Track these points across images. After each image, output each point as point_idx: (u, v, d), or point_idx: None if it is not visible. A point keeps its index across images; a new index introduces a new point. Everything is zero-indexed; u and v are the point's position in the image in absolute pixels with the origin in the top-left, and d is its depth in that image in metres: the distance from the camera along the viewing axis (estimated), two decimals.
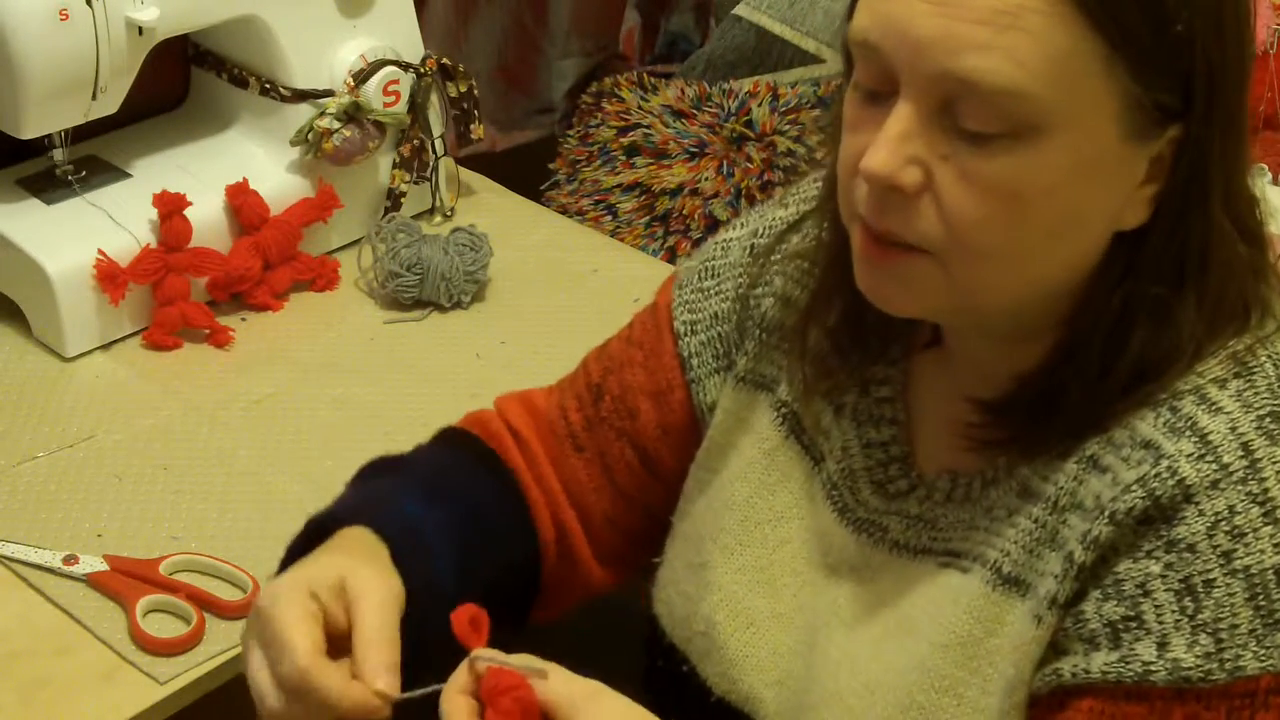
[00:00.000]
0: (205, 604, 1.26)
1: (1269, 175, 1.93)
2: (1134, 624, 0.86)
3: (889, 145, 0.85)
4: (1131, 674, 0.86)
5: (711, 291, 1.12)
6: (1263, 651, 0.84)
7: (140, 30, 1.53)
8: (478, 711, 0.85)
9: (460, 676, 0.87)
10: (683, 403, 1.12)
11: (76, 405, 1.50)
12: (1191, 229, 0.88)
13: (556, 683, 0.85)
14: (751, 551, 1.07)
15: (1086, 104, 0.83)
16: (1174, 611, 0.85)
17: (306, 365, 1.58)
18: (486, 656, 0.87)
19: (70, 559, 1.29)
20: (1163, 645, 0.85)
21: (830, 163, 0.99)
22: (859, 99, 0.89)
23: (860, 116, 0.89)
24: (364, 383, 1.56)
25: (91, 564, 1.28)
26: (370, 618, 0.92)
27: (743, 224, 1.14)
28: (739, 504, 1.07)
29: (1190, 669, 0.85)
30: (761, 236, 1.11)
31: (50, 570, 1.29)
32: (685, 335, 1.12)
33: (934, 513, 0.99)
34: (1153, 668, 0.86)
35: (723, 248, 1.13)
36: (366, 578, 0.95)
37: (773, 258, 1.09)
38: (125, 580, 1.27)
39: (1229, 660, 0.84)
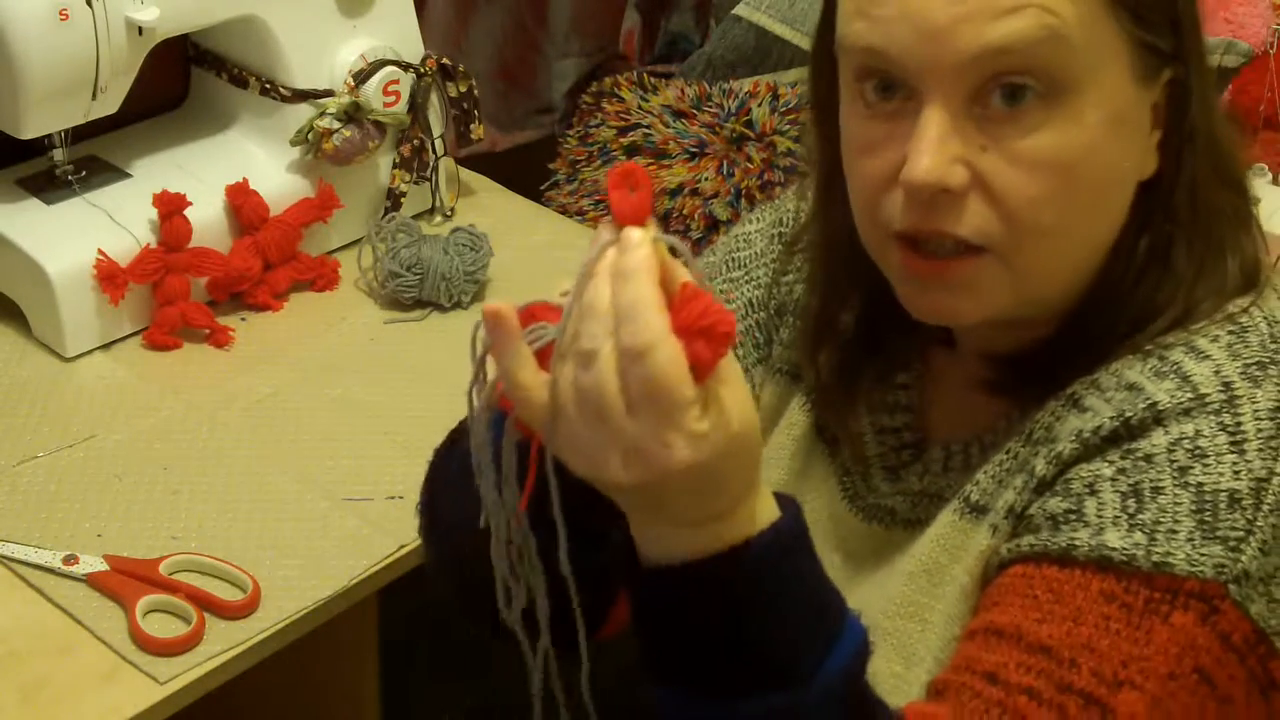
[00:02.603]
0: (205, 604, 1.26)
1: (1269, 175, 1.93)
2: (1073, 515, 0.86)
3: (930, 149, 0.85)
4: (1056, 547, 0.86)
5: (741, 281, 1.12)
6: (1195, 556, 0.83)
7: (140, 30, 1.53)
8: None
9: (646, 262, 0.72)
10: None
11: (76, 405, 1.50)
12: (1184, 170, 0.91)
13: None
14: None
15: (1106, 53, 0.86)
16: (1115, 509, 0.85)
17: (306, 365, 1.58)
18: (671, 258, 0.71)
19: (70, 559, 1.29)
20: (1096, 534, 0.85)
21: (818, 172, 1.00)
22: (861, 114, 0.89)
23: (871, 134, 0.89)
24: (364, 383, 1.56)
25: (91, 564, 1.28)
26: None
27: (759, 218, 1.14)
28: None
29: (1114, 549, 0.84)
30: (786, 225, 1.11)
31: (50, 570, 1.29)
32: None
33: (936, 485, 0.99)
34: (1077, 542, 0.85)
35: (744, 240, 1.13)
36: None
37: (799, 245, 1.09)
38: (125, 580, 1.27)
39: (1157, 554, 0.84)
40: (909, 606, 0.95)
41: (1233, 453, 0.85)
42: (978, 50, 0.83)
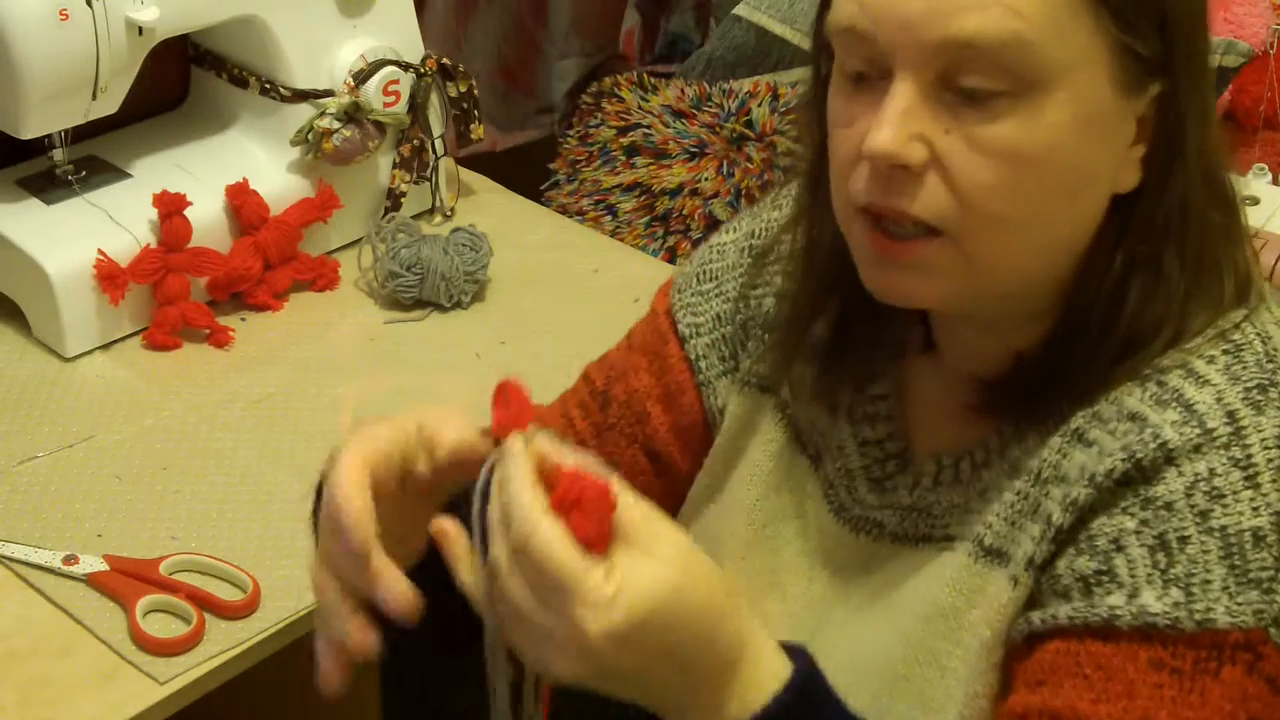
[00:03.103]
0: (205, 604, 1.26)
1: (1269, 175, 1.94)
2: (1105, 577, 0.86)
3: (892, 122, 0.85)
4: (1097, 618, 0.86)
5: (711, 294, 1.12)
6: (1234, 606, 0.83)
7: (140, 30, 1.53)
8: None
9: (520, 463, 0.78)
10: (694, 404, 1.12)
11: (76, 405, 1.50)
12: (1173, 187, 0.90)
13: (628, 498, 0.79)
14: (760, 555, 1.06)
15: (1081, 54, 0.85)
16: (1146, 565, 0.85)
17: (306, 365, 1.58)
18: (551, 448, 0.78)
19: (70, 559, 1.29)
20: (1132, 596, 0.85)
21: (807, 169, 1.00)
22: (844, 90, 0.90)
23: (849, 108, 0.90)
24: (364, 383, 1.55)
25: (91, 564, 1.28)
26: (452, 435, 0.86)
27: (735, 228, 1.14)
28: (747, 507, 1.07)
29: (1157, 615, 0.84)
30: (758, 237, 1.11)
31: (50, 570, 1.29)
32: (691, 338, 1.12)
33: (926, 500, 0.99)
34: (1118, 612, 0.85)
35: (718, 251, 1.13)
36: (444, 416, 0.88)
37: (771, 256, 1.09)
38: (125, 580, 1.27)
39: (1198, 611, 0.84)
40: (926, 653, 0.94)
41: (1249, 489, 0.85)
42: (941, 39, 0.84)
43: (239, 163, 1.67)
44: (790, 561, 1.05)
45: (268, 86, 1.68)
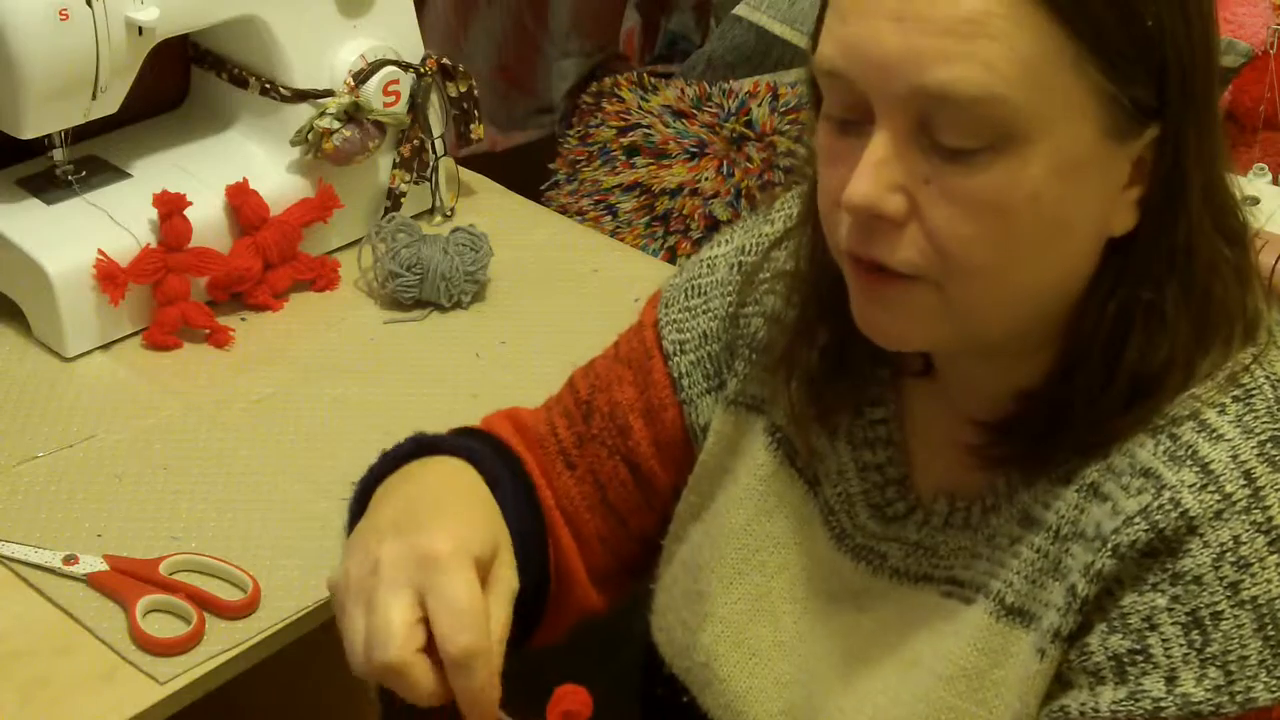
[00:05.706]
0: (205, 604, 1.26)
1: (1269, 175, 1.93)
2: (1140, 658, 0.86)
3: (869, 174, 0.84)
4: (1141, 711, 0.85)
5: (699, 310, 1.11)
6: (1273, 682, 0.84)
7: (140, 30, 1.53)
8: None
9: None
10: (675, 421, 1.11)
11: (76, 405, 1.50)
12: (1175, 229, 0.87)
13: None
14: (750, 580, 1.06)
15: (1062, 106, 0.82)
16: (1182, 645, 0.85)
17: (306, 365, 1.58)
18: None
19: (70, 559, 1.29)
20: (1171, 680, 0.85)
21: (806, 189, 0.98)
22: (832, 130, 0.88)
23: (836, 148, 0.88)
24: (364, 383, 1.56)
25: (91, 564, 1.28)
26: (498, 617, 0.91)
27: (727, 240, 1.13)
28: (736, 531, 1.06)
29: (1200, 703, 0.84)
30: (749, 254, 1.09)
31: (50, 570, 1.29)
32: (675, 355, 1.11)
33: (934, 539, 0.98)
34: (1163, 704, 0.85)
35: (708, 265, 1.12)
36: (506, 573, 0.93)
37: (761, 275, 1.07)
38: (125, 580, 1.27)
39: (1239, 692, 0.84)
40: (950, 712, 0.94)
41: (1274, 553, 0.85)
42: (915, 88, 0.82)
43: (239, 163, 1.67)
44: (783, 588, 1.05)
45: (268, 86, 1.68)
